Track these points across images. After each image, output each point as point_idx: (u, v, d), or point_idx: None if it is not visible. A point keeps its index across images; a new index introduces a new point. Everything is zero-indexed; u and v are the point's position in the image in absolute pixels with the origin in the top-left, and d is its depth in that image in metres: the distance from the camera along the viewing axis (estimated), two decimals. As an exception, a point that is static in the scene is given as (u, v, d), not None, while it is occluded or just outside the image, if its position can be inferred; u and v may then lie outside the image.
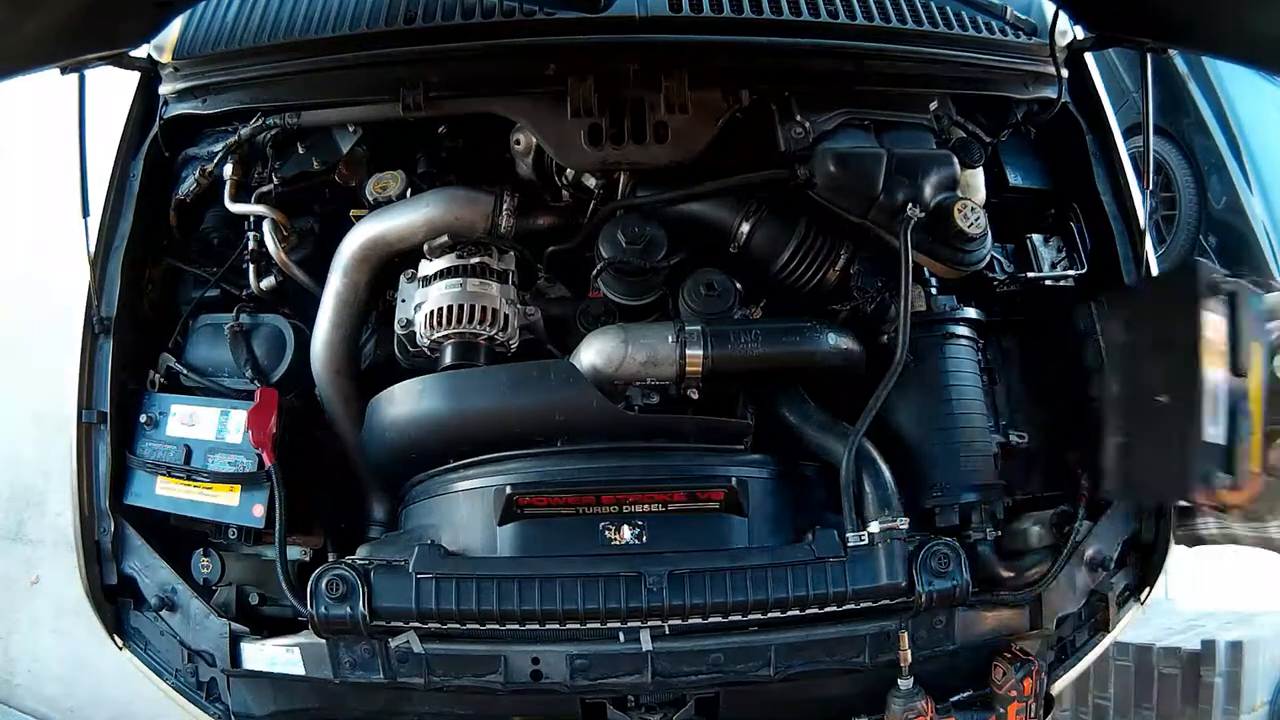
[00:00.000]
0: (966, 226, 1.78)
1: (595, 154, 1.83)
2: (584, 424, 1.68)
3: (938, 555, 1.61)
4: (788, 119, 1.84)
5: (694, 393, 1.77)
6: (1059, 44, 2.02)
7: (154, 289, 2.00)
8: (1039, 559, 1.83)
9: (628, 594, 1.55)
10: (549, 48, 1.83)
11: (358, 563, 1.61)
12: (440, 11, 1.86)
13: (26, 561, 3.49)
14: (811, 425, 1.77)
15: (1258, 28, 1.59)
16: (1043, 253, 2.04)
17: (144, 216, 1.97)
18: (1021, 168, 2.12)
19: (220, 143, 1.98)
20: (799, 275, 1.90)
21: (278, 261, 1.95)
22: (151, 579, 1.75)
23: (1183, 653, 2.93)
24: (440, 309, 1.77)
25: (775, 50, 1.87)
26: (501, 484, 1.63)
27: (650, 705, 1.69)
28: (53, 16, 1.48)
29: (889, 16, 1.92)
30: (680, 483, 1.64)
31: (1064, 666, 1.83)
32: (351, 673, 1.66)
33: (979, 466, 1.83)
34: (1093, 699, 3.14)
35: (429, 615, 1.57)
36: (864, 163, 1.81)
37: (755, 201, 1.90)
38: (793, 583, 1.56)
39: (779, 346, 1.76)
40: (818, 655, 1.65)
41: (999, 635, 1.75)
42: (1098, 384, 1.99)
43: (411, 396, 1.73)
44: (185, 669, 1.74)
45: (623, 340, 1.72)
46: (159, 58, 1.99)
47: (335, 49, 1.88)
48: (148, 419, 1.84)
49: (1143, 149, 2.00)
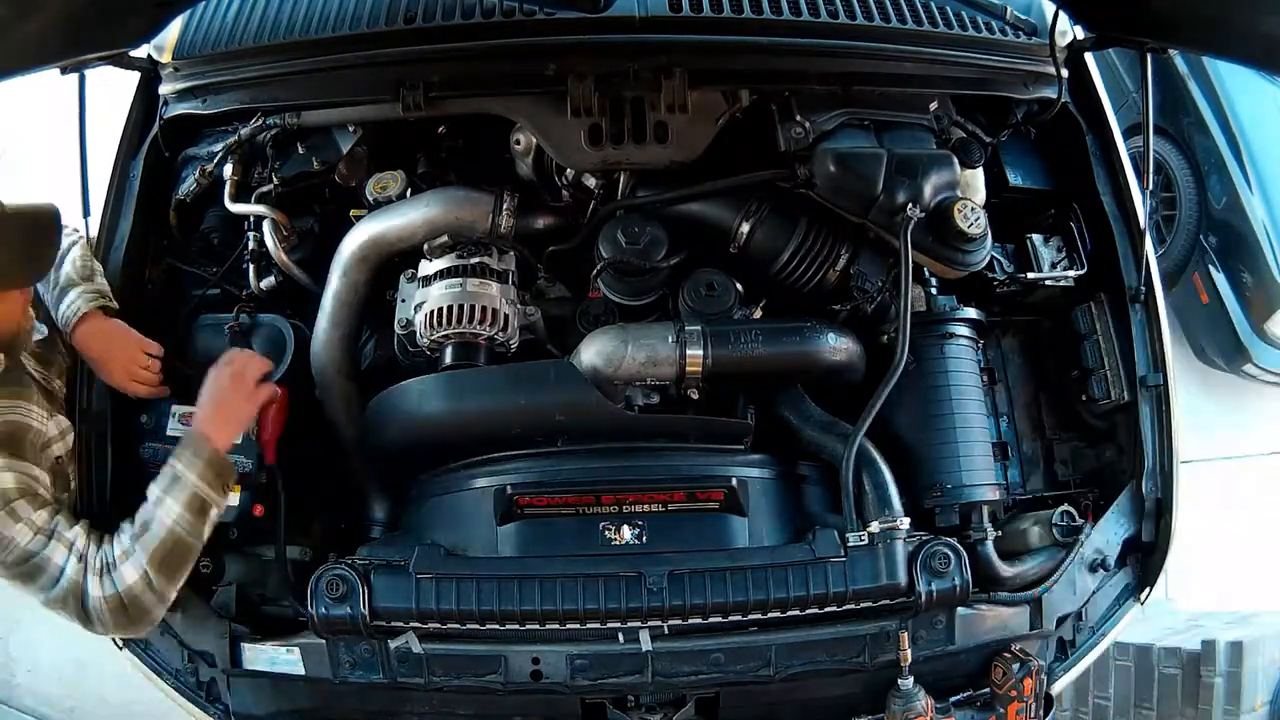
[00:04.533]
0: (966, 226, 1.78)
1: (595, 154, 1.83)
2: (584, 424, 1.68)
3: (938, 555, 1.61)
4: (788, 119, 1.85)
5: (694, 393, 1.77)
6: (1059, 44, 2.02)
7: (154, 289, 2.01)
8: (1039, 559, 1.84)
9: (628, 594, 1.55)
10: (549, 48, 1.83)
11: (358, 563, 1.61)
12: (440, 11, 1.86)
13: (26, 561, 3.48)
14: (811, 425, 1.77)
15: (1258, 28, 1.59)
16: (1043, 253, 2.05)
17: (144, 216, 1.97)
18: (1021, 168, 2.12)
19: (220, 143, 1.99)
20: (799, 275, 1.90)
21: (278, 261, 1.96)
22: (151, 579, 1.75)
23: (1183, 653, 2.93)
24: (440, 309, 1.77)
25: (775, 50, 1.87)
26: (501, 484, 1.64)
27: (650, 705, 1.70)
28: (53, 16, 1.48)
29: (889, 17, 1.91)
30: (680, 483, 1.64)
31: (1064, 666, 1.83)
32: (351, 673, 1.66)
33: (979, 466, 1.83)
34: (1093, 699, 3.14)
35: (429, 615, 1.57)
36: (864, 163, 1.81)
37: (755, 201, 1.90)
38: (793, 583, 1.57)
39: (779, 346, 1.76)
40: (818, 655, 1.65)
41: (999, 635, 1.75)
42: (1097, 384, 2.00)
43: (411, 397, 1.73)
44: (185, 669, 1.74)
45: (623, 340, 1.72)
46: (159, 58, 2.00)
47: (335, 49, 1.88)
48: (148, 419, 1.84)
49: (1143, 149, 2.00)
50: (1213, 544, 3.55)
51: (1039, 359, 2.15)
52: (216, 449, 1.61)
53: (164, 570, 1.52)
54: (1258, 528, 3.92)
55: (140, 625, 1.55)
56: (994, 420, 2.06)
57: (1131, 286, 1.97)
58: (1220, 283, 3.91)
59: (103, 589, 1.50)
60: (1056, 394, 2.12)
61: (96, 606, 1.50)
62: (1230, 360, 4.01)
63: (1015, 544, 1.88)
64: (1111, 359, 1.98)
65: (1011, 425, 2.10)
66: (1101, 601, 1.85)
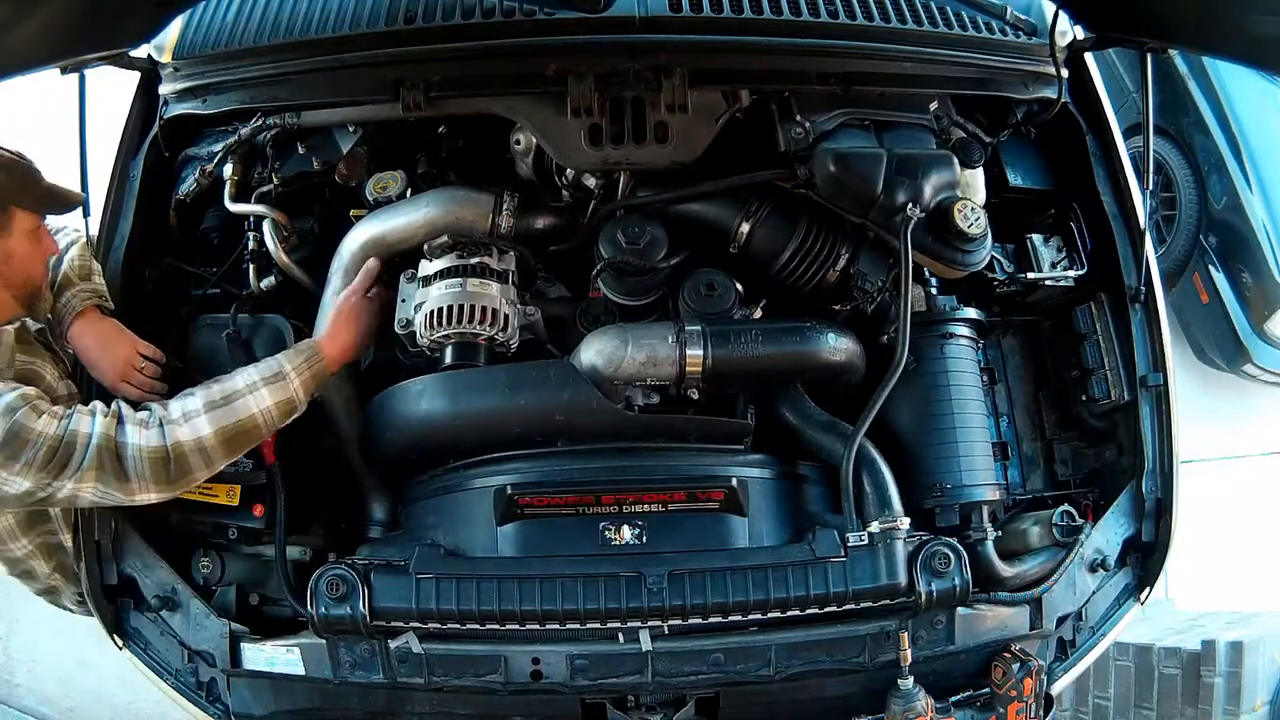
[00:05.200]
0: (966, 227, 1.78)
1: (595, 154, 1.83)
2: (584, 424, 1.68)
3: (938, 555, 1.61)
4: (788, 119, 1.85)
5: (694, 393, 1.77)
6: (1059, 44, 2.01)
7: (154, 289, 2.00)
8: (1039, 559, 1.84)
9: (628, 594, 1.55)
10: (549, 48, 1.83)
11: (358, 563, 1.61)
12: (440, 11, 1.86)
13: (26, 561, 3.48)
14: (811, 425, 1.77)
15: (1258, 28, 1.59)
16: (1043, 253, 2.05)
17: (144, 216, 1.97)
18: (1021, 168, 2.11)
19: (220, 143, 1.98)
20: (799, 275, 1.90)
21: (278, 261, 1.95)
22: (151, 579, 1.75)
23: (1183, 653, 2.93)
24: (440, 309, 1.77)
25: (775, 50, 1.87)
26: (501, 484, 1.64)
27: (650, 705, 1.69)
28: (53, 16, 1.48)
29: (889, 17, 1.91)
30: (680, 483, 1.64)
31: (1064, 666, 1.83)
32: (351, 673, 1.66)
33: (979, 466, 1.83)
34: (1093, 699, 3.14)
35: (429, 615, 1.57)
36: (864, 163, 1.81)
37: (755, 201, 1.90)
38: (793, 583, 1.57)
39: (779, 346, 1.76)
40: (818, 655, 1.65)
41: (999, 635, 1.75)
42: (1098, 384, 2.00)
43: (411, 397, 1.73)
44: (185, 669, 1.74)
45: (623, 340, 1.72)
46: (159, 58, 1.99)
47: (335, 49, 1.88)
48: (148, 419, 1.84)
49: (1143, 149, 2.00)
50: (1213, 544, 3.56)
51: (1039, 359, 2.15)
52: (326, 365, 1.72)
53: (225, 445, 1.60)
54: (1258, 528, 3.93)
55: (178, 484, 1.58)
56: (994, 420, 2.06)
57: (1131, 286, 1.97)
58: (1220, 283, 3.92)
59: (145, 439, 1.53)
60: (1056, 394, 2.12)
61: (135, 458, 1.52)
62: (1230, 360, 4.01)
63: (1015, 544, 1.88)
64: (1111, 359, 1.98)
65: (1011, 425, 2.11)
66: (1101, 601, 1.85)
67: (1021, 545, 1.88)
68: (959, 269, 1.86)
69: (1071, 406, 2.08)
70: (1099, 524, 1.85)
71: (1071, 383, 2.06)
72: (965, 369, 1.90)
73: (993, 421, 2.04)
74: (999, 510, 1.90)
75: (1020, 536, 1.89)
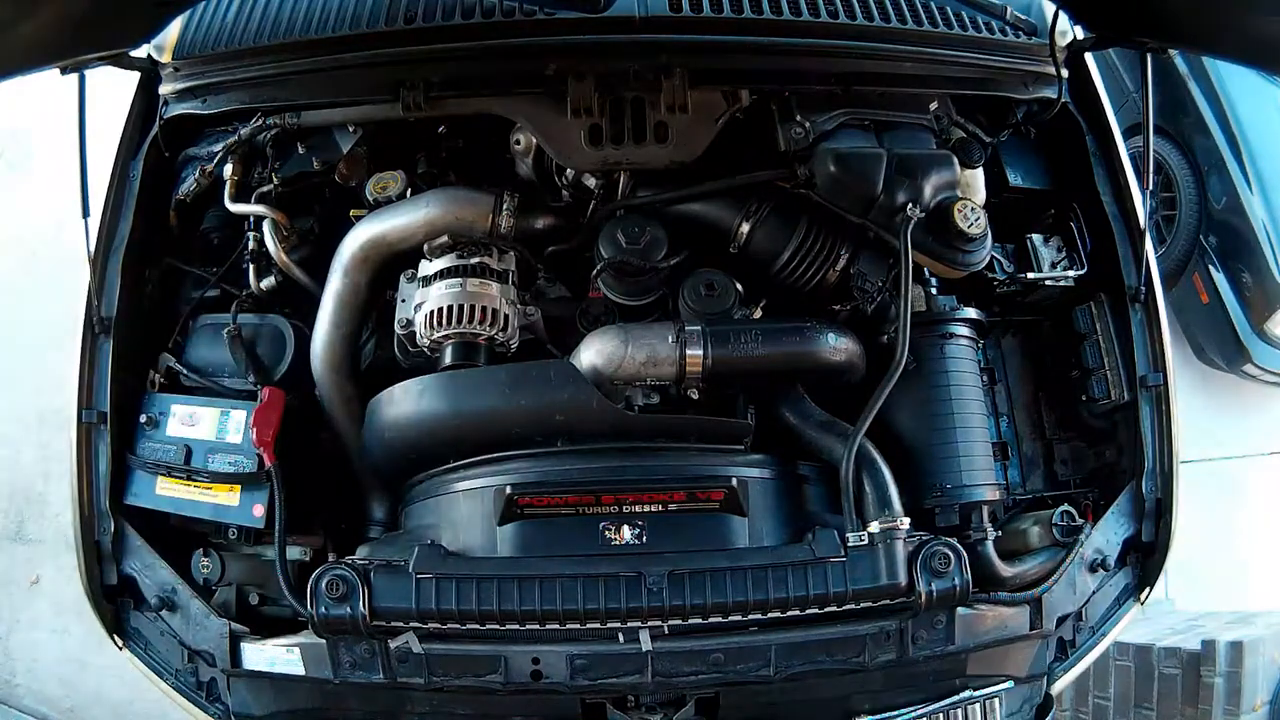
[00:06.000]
0: (966, 227, 1.78)
1: (595, 154, 1.83)
2: (584, 424, 1.68)
3: (938, 555, 1.60)
4: (788, 119, 1.85)
5: (694, 393, 1.77)
6: (1059, 44, 2.02)
7: (154, 289, 2.00)
8: (1039, 559, 1.84)
9: (628, 594, 1.55)
10: (549, 48, 1.83)
11: (358, 563, 1.61)
12: (440, 11, 1.86)
13: (26, 561, 3.49)
14: (811, 425, 1.77)
15: (1258, 28, 1.59)
16: (1043, 253, 2.05)
17: (144, 216, 1.97)
18: (1021, 168, 2.12)
19: (220, 143, 1.98)
20: (799, 275, 1.90)
21: (278, 261, 1.96)
22: (151, 579, 1.75)
23: (1183, 653, 2.93)
24: (440, 309, 1.77)
25: (775, 50, 1.87)
26: (501, 484, 1.63)
27: (650, 705, 1.69)
28: (53, 16, 1.48)
29: (889, 17, 1.91)
30: (680, 483, 1.64)
31: (1064, 666, 1.83)
32: (351, 673, 1.66)
33: (979, 466, 1.83)
34: (1093, 699, 3.15)
35: (429, 615, 1.57)
36: (864, 163, 1.81)
37: (755, 201, 1.90)
38: (793, 583, 1.56)
39: (779, 346, 1.76)
40: (818, 655, 1.65)
41: (999, 635, 1.75)
42: (1097, 384, 2.00)
43: (411, 396, 1.73)
44: (185, 669, 1.74)
45: (623, 340, 1.72)
46: (159, 58, 1.99)
47: (335, 49, 1.88)
48: (148, 419, 1.85)
49: (1143, 149, 2.00)
50: (1213, 544, 3.56)
51: (1039, 359, 2.15)
52: None
53: None
54: (1258, 528, 3.93)
55: None
56: (994, 420, 2.06)
57: (1131, 286, 1.97)
58: (1220, 283, 3.92)
59: None
60: (1056, 394, 2.12)
61: None
62: (1230, 360, 4.01)
63: (1015, 544, 1.88)
64: (1111, 359, 1.99)
65: (1011, 425, 2.10)
66: (1101, 601, 1.85)
67: (1021, 545, 1.88)
68: (959, 269, 1.86)
69: (1071, 406, 2.08)
70: (1099, 524, 1.85)
71: (1071, 383, 2.06)
72: (965, 369, 1.89)
73: (993, 421, 2.04)
74: (999, 510, 1.90)
75: (1020, 536, 1.89)
